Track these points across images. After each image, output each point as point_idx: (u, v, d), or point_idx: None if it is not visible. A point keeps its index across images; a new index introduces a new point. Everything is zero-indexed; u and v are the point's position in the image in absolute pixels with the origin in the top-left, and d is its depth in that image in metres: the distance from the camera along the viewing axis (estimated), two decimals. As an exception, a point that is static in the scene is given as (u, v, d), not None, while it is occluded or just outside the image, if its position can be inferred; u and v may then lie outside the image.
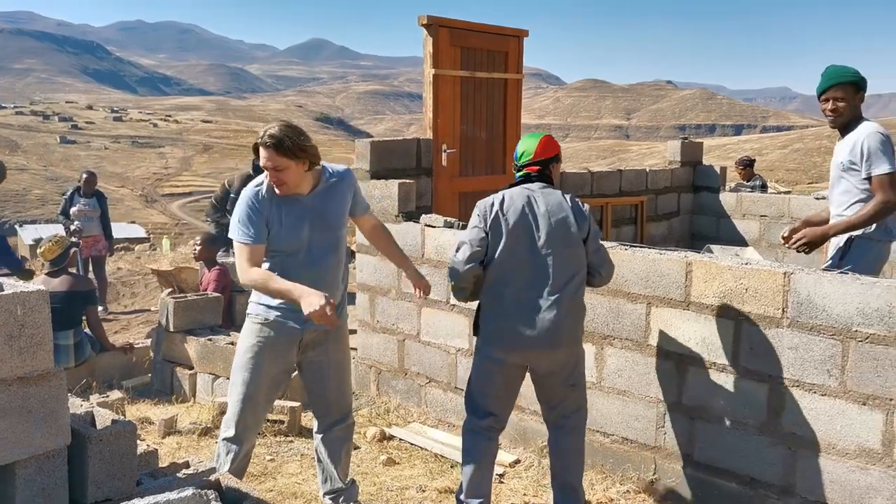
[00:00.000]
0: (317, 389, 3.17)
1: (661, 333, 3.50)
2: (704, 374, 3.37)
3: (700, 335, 3.37)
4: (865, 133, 3.62)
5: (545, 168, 3.19)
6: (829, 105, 3.71)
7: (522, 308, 3.02)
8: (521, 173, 3.22)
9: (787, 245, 3.80)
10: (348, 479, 3.25)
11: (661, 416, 3.53)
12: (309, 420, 4.41)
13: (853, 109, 3.70)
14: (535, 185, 3.16)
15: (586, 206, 3.16)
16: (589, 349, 3.72)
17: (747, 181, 8.98)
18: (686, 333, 3.42)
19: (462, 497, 3.14)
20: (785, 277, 3.11)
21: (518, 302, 3.02)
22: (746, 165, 9.21)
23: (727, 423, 3.30)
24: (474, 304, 4.21)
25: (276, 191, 2.89)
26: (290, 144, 2.77)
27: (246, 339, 3.03)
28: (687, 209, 7.87)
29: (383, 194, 4.58)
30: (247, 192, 2.92)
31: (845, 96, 3.67)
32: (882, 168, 3.54)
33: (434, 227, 4.38)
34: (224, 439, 3.06)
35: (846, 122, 3.73)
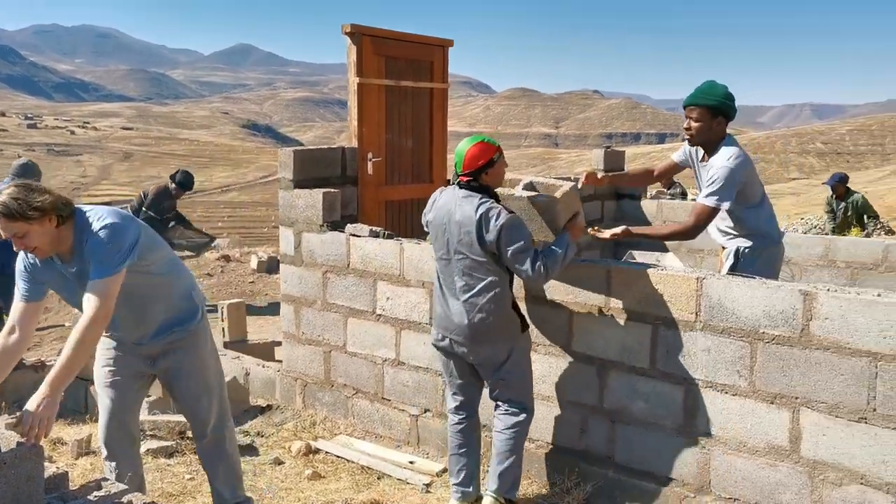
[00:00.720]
0: (174, 401, 3.21)
1: (583, 339, 3.57)
2: (625, 378, 3.45)
3: (620, 340, 3.46)
4: (719, 162, 3.60)
5: (475, 178, 3.26)
6: (685, 123, 3.72)
7: (445, 302, 3.36)
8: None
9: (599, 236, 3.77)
10: (238, 496, 3.20)
11: (583, 421, 3.60)
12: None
13: (708, 133, 3.64)
14: (460, 193, 3.27)
15: (503, 216, 3.17)
16: (513, 356, 3.77)
17: (668, 189, 9.28)
18: (607, 338, 3.50)
19: (451, 482, 3.53)
20: (698, 282, 3.22)
21: (443, 296, 3.37)
22: (666, 173, 9.54)
23: (646, 425, 3.39)
24: (400, 314, 4.22)
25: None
26: (18, 208, 2.53)
27: (97, 355, 3.04)
28: (610, 216, 8.06)
29: (307, 204, 4.53)
30: (21, 253, 2.74)
31: (700, 118, 3.62)
32: (709, 200, 3.57)
33: (359, 236, 4.36)
34: (104, 460, 3.05)
35: (703, 143, 3.70)
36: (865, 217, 9.52)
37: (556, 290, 3.64)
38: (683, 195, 9.18)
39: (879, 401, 2.80)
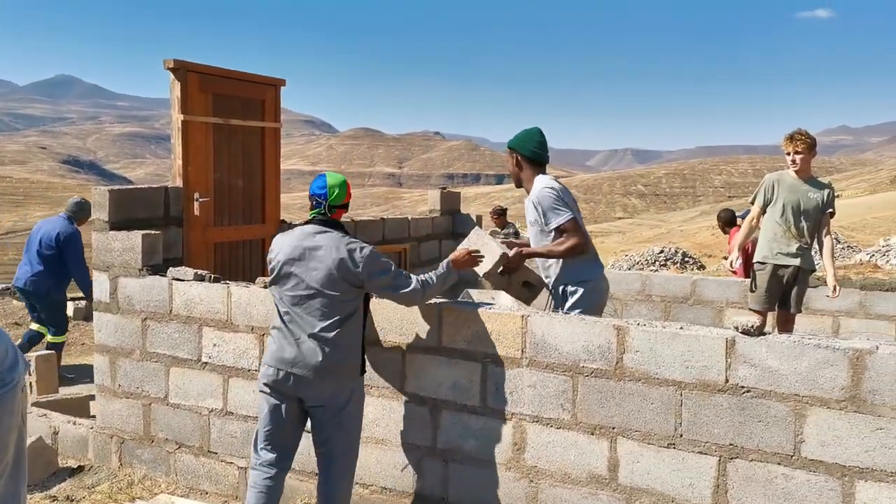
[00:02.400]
0: None
1: (416, 380, 3.57)
2: (456, 417, 3.48)
3: (452, 379, 3.49)
4: (535, 193, 3.95)
5: (328, 214, 3.31)
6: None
7: (292, 341, 3.20)
8: (316, 211, 3.30)
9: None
10: None
11: (418, 462, 3.58)
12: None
13: (520, 172, 4.09)
14: (314, 229, 3.27)
15: (367, 248, 3.21)
16: (346, 400, 3.70)
17: (502, 229, 9.65)
18: (439, 378, 3.52)
19: None
20: (523, 320, 3.33)
21: (290, 335, 3.22)
22: (500, 214, 9.91)
23: (477, 462, 3.43)
24: (228, 360, 4.02)
25: None
26: None
27: None
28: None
29: (125, 246, 4.23)
30: None
31: (510, 159, 4.14)
32: (559, 219, 3.87)
33: (183, 280, 4.12)
34: None
35: (518, 182, 4.16)
36: None
37: (389, 331, 3.62)
38: (516, 234, 9.57)
39: (685, 427, 3.01)
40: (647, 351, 3.07)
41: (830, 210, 5.22)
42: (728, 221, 8.26)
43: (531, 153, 4.04)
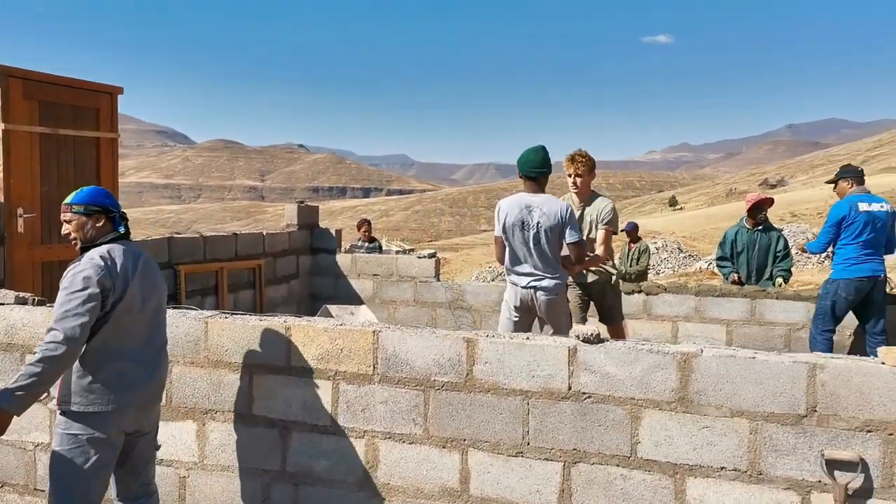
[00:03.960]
0: None
1: (265, 401, 3.43)
2: (307, 437, 3.38)
3: (302, 399, 3.39)
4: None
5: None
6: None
7: (130, 365, 2.96)
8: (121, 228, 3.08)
9: None
10: None
11: (265, 488, 3.43)
12: None
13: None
14: (127, 247, 3.04)
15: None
16: (189, 426, 3.51)
17: (368, 242, 9.59)
18: (288, 399, 3.40)
19: None
20: (374, 336, 3.29)
21: (123, 359, 2.95)
22: (366, 225, 9.86)
23: (329, 483, 3.34)
24: (54, 390, 3.68)
25: None
26: None
27: None
28: (306, 271, 8.06)
29: (-68, 268, 3.80)
30: None
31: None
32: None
33: (3, 304, 3.75)
34: None
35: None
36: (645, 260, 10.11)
37: (235, 352, 3.46)
38: (380, 248, 9.55)
39: (532, 435, 3.07)
40: (496, 362, 3.12)
41: (606, 225, 5.19)
42: None
43: (519, 172, 4.64)
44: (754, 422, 2.78)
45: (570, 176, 5.18)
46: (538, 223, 4.35)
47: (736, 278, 7.17)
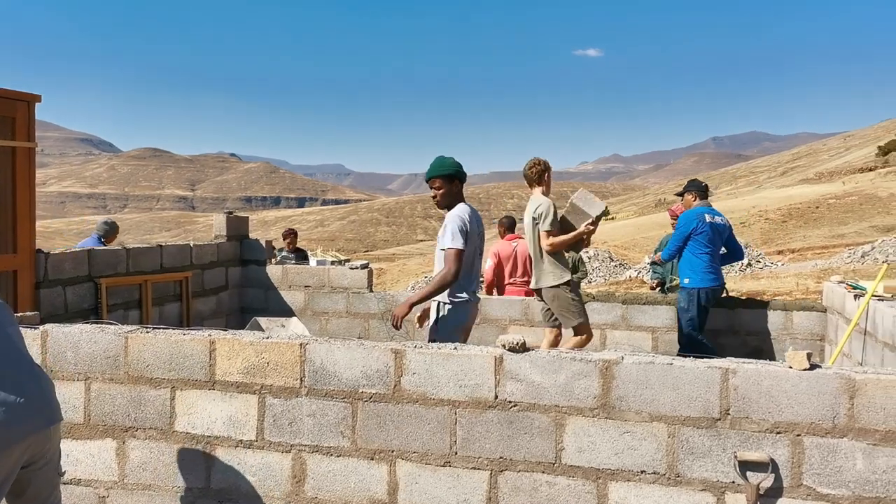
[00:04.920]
0: None
1: (188, 417, 3.36)
2: (232, 453, 3.31)
3: (227, 414, 3.32)
4: (452, 213, 4.64)
5: None
6: (432, 193, 4.75)
7: (15, 385, 2.60)
8: None
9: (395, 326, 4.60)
10: None
11: (189, 506, 3.35)
12: None
13: (449, 196, 4.74)
14: None
15: None
16: (109, 444, 3.40)
17: (291, 253, 9.47)
18: (213, 414, 3.34)
19: None
20: (301, 348, 3.26)
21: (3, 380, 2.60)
22: (292, 235, 9.74)
23: (255, 500, 3.28)
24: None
25: None
26: None
27: None
28: (236, 283, 7.91)
29: None
30: None
31: (441, 186, 4.71)
32: (453, 244, 4.52)
33: None
34: None
35: (448, 205, 4.73)
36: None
37: (156, 367, 3.38)
38: (305, 258, 9.45)
39: (460, 444, 3.10)
40: (424, 372, 3.13)
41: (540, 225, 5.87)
42: (509, 227, 8.45)
43: (460, 174, 4.81)
44: (672, 426, 2.88)
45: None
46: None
47: (653, 284, 7.44)
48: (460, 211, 4.67)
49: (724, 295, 6.76)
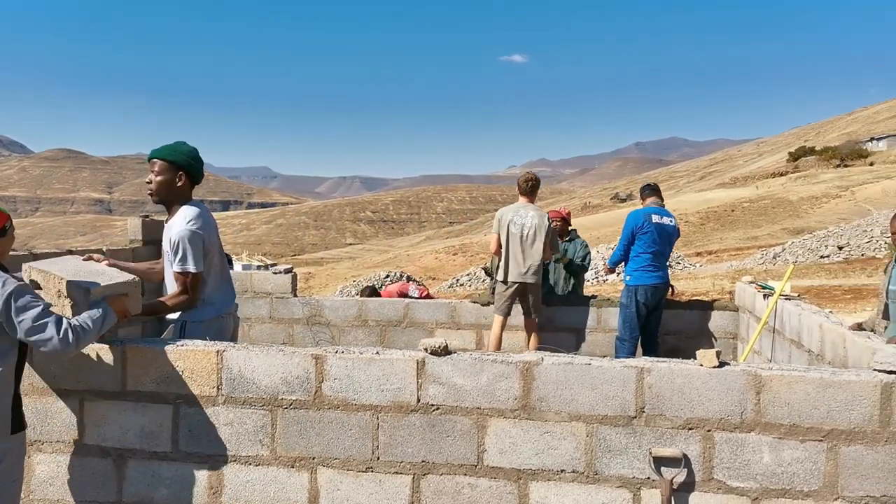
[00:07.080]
0: None
1: (98, 429, 3.21)
2: (146, 465, 3.19)
3: (139, 425, 3.20)
4: (178, 225, 3.55)
5: None
6: (147, 178, 3.66)
7: None
8: None
9: None
10: None
11: (99, 522, 3.21)
12: None
13: (169, 191, 3.62)
14: None
15: (10, 283, 2.79)
16: (11, 461, 3.21)
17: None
18: (125, 425, 3.21)
19: None
20: (218, 356, 3.17)
21: None
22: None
23: (171, 513, 3.17)
24: None
25: None
26: None
27: None
28: (153, 288, 7.63)
29: None
30: None
31: (162, 172, 3.60)
32: (187, 267, 3.53)
33: None
34: None
35: (164, 201, 3.66)
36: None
37: (63, 378, 3.22)
38: (229, 263, 9.22)
39: (382, 449, 3.07)
40: (345, 378, 3.09)
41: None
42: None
43: (192, 168, 3.66)
44: (590, 425, 2.94)
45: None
46: None
47: (565, 261, 7.56)
48: (191, 219, 3.55)
49: (670, 295, 6.84)
